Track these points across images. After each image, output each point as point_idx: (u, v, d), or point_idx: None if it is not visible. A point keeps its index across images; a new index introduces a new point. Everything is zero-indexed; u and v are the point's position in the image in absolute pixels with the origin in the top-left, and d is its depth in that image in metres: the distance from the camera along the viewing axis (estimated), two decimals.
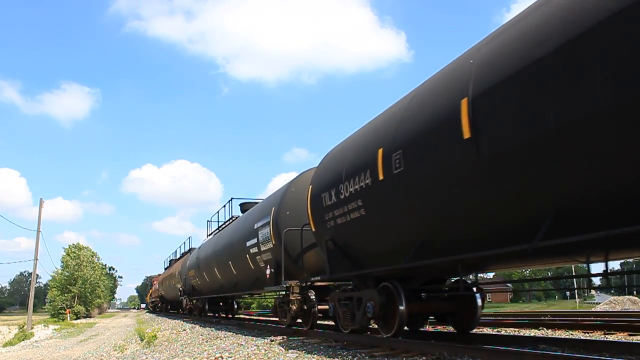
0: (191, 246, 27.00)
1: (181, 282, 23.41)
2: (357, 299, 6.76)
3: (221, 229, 16.87)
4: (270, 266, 9.93)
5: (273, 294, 12.45)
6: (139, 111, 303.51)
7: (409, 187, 5.07)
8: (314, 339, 7.33)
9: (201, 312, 19.70)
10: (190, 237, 28.47)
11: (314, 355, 5.76)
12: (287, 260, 8.97)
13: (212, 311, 19.69)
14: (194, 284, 19.94)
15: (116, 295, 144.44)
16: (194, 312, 21.11)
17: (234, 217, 15.69)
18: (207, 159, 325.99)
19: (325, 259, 7.16)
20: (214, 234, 18.02)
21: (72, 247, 50.72)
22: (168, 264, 36.18)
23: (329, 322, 10.12)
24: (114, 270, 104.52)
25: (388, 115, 5.93)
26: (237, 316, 21.09)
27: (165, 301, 35.66)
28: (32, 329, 29.94)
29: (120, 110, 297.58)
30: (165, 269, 37.69)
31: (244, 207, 14.94)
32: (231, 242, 13.10)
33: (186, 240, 29.28)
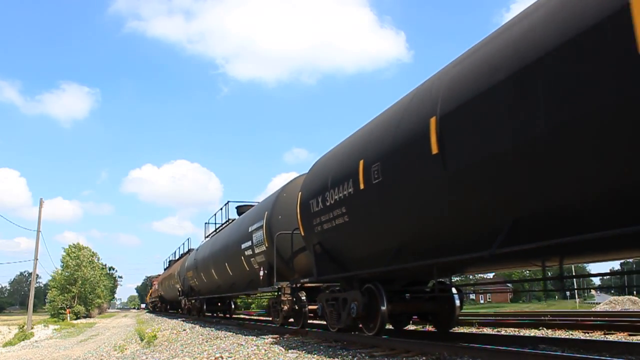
0: (190, 247, 27.40)
1: (180, 282, 23.81)
2: (343, 300, 7.16)
3: (218, 231, 17.29)
4: (263, 268, 10.33)
5: (269, 294, 12.84)
6: (139, 111, 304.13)
7: (387, 197, 5.47)
8: (314, 339, 7.46)
9: (199, 312, 20.11)
10: (189, 238, 28.87)
11: (314, 355, 5.81)
12: (279, 262, 9.38)
13: (210, 311, 20.12)
14: (192, 285, 20.35)
15: (116, 295, 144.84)
16: (193, 312, 21.51)
17: (230, 219, 16.10)
18: (207, 159, 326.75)
19: (312, 261, 7.56)
20: (211, 236, 18.43)
21: (72, 247, 50.81)
22: (167, 265, 36.60)
23: (321, 322, 10.45)
24: (114, 270, 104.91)
25: (369, 128, 6.33)
26: (236, 316, 21.51)
27: (164, 301, 36.09)
28: (32, 329, 30.02)
29: (119, 110, 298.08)
30: (164, 270, 38.11)
31: (240, 210, 15.36)
32: (227, 245, 13.50)
33: (185, 242, 29.65)
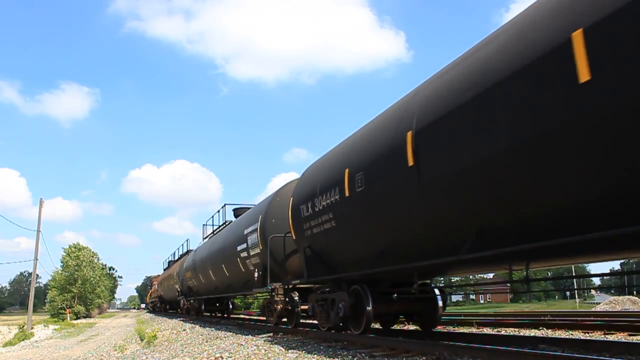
0: (188, 248, 27.81)
1: (179, 283, 24.18)
2: (331, 300, 7.54)
3: (216, 232, 17.68)
4: (258, 269, 10.71)
5: (265, 294, 13.22)
6: (139, 111, 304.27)
7: (369, 204, 5.85)
8: (314, 339, 7.51)
9: (198, 312, 20.49)
10: (188, 239, 29.37)
11: (314, 355, 5.84)
12: (272, 264, 9.76)
13: (208, 311, 20.51)
14: (190, 285, 20.73)
15: (116, 295, 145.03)
16: (191, 312, 21.89)
17: (227, 221, 16.49)
18: (207, 159, 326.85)
19: (303, 263, 7.94)
20: (209, 238, 18.82)
21: (72, 247, 50.98)
22: (167, 265, 37.01)
23: (313, 321, 10.78)
24: (114, 270, 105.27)
25: (355, 138, 6.71)
26: (234, 316, 21.88)
27: (164, 301, 36.50)
28: (32, 329, 30.15)
29: (119, 110, 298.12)
30: (164, 270, 38.52)
31: (237, 212, 15.74)
32: (224, 246, 13.88)
33: (184, 243, 30.08)
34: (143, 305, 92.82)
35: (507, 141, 3.83)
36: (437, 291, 7.29)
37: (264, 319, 18.25)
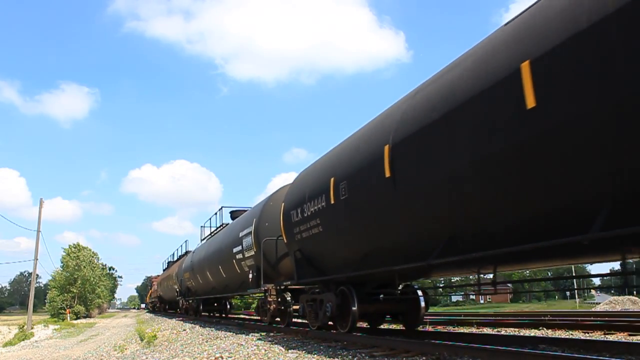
0: (187, 249, 28.23)
1: (178, 283, 24.60)
2: (320, 300, 7.95)
3: (213, 234, 18.10)
4: (252, 271, 11.12)
5: (260, 295, 13.63)
6: (138, 111, 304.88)
7: (352, 211, 6.26)
8: (314, 339, 7.57)
9: (196, 312, 20.91)
10: (187, 240, 29.87)
11: (314, 355, 5.87)
12: (266, 265, 10.18)
13: (206, 311, 20.96)
14: (189, 286, 21.15)
15: (116, 295, 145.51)
16: (190, 312, 22.31)
17: (224, 224, 16.92)
18: (207, 159, 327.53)
19: (293, 266, 8.35)
20: (207, 239, 19.24)
21: (72, 247, 51.20)
22: (166, 266, 37.43)
23: (305, 321, 11.14)
24: (114, 270, 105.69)
25: (340, 148, 7.13)
26: (232, 315, 22.29)
27: (163, 301, 36.94)
28: (32, 329, 30.30)
29: (119, 111, 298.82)
30: (163, 271, 38.94)
31: (234, 215, 16.18)
32: (220, 248, 14.30)
33: (182, 244, 30.51)
34: (143, 305, 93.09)
35: (468, 158, 4.24)
36: (420, 292, 7.71)
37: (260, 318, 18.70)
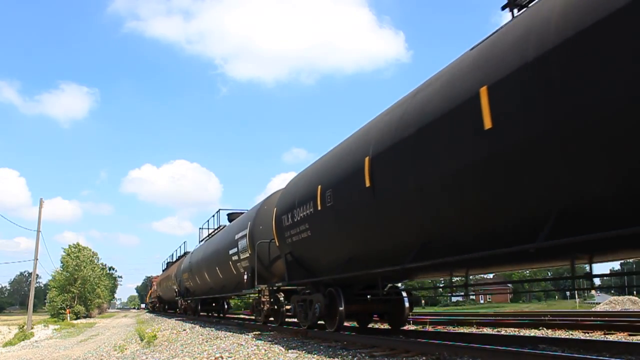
0: (186, 250, 28.68)
1: (177, 283, 25.04)
2: (310, 301, 8.37)
3: (210, 236, 18.54)
4: (247, 272, 11.55)
5: (255, 295, 14.05)
6: (138, 111, 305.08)
7: (337, 218, 6.69)
8: (314, 339, 7.62)
9: (195, 312, 21.34)
10: (185, 242, 30.25)
11: (314, 355, 5.88)
12: (259, 267, 10.60)
13: (204, 311, 21.38)
14: (187, 286, 21.59)
15: (116, 295, 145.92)
16: (188, 312, 22.74)
17: (221, 226, 17.35)
18: (206, 159, 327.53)
19: (284, 268, 8.78)
20: (205, 241, 19.68)
21: (72, 247, 51.31)
22: (166, 266, 37.87)
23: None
24: (114, 270, 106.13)
25: (327, 158, 7.56)
26: (234, 315, 22.72)
27: (163, 301, 37.40)
28: (32, 329, 30.38)
29: (119, 111, 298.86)
30: (163, 271, 39.38)
31: (231, 217, 16.61)
32: (218, 250, 14.74)
33: (181, 245, 30.95)
34: (143, 305, 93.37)
35: (436, 173, 4.66)
36: (404, 293, 8.13)
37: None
